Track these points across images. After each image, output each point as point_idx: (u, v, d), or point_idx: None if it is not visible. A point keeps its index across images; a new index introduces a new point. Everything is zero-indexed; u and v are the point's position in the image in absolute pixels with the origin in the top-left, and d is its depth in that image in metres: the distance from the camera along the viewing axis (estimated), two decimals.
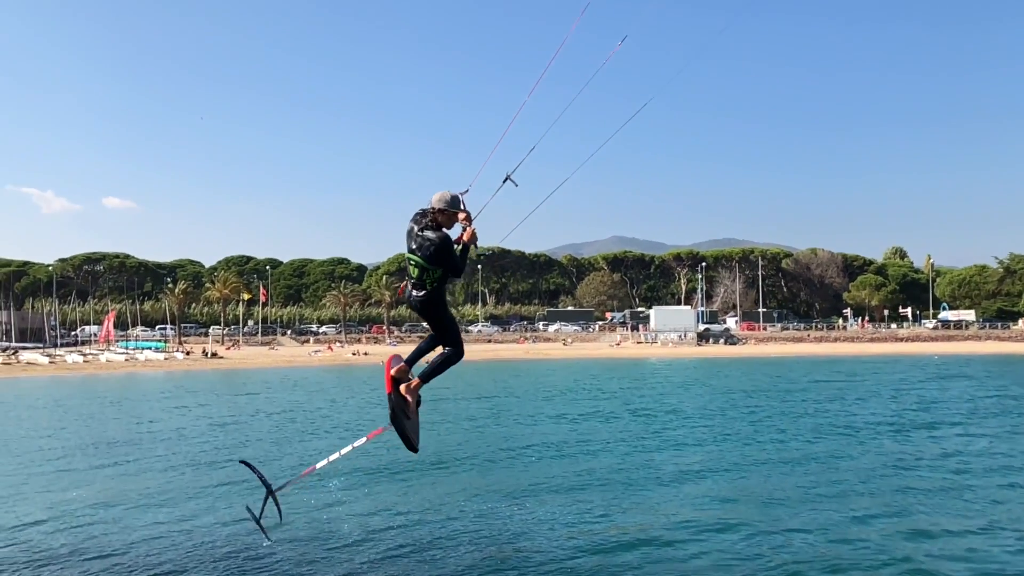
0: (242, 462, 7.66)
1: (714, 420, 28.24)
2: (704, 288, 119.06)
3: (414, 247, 6.26)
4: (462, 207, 6.29)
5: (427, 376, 6.72)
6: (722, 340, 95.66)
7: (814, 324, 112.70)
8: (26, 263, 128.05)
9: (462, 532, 13.29)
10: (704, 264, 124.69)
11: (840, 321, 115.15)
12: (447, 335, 6.57)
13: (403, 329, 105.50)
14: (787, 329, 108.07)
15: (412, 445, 6.68)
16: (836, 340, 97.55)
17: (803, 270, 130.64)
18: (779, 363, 64.99)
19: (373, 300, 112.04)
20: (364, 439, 7.21)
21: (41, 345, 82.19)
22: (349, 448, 7.15)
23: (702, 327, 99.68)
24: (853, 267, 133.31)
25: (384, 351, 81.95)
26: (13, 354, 70.90)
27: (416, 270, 6.32)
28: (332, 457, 7.28)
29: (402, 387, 6.72)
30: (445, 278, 6.32)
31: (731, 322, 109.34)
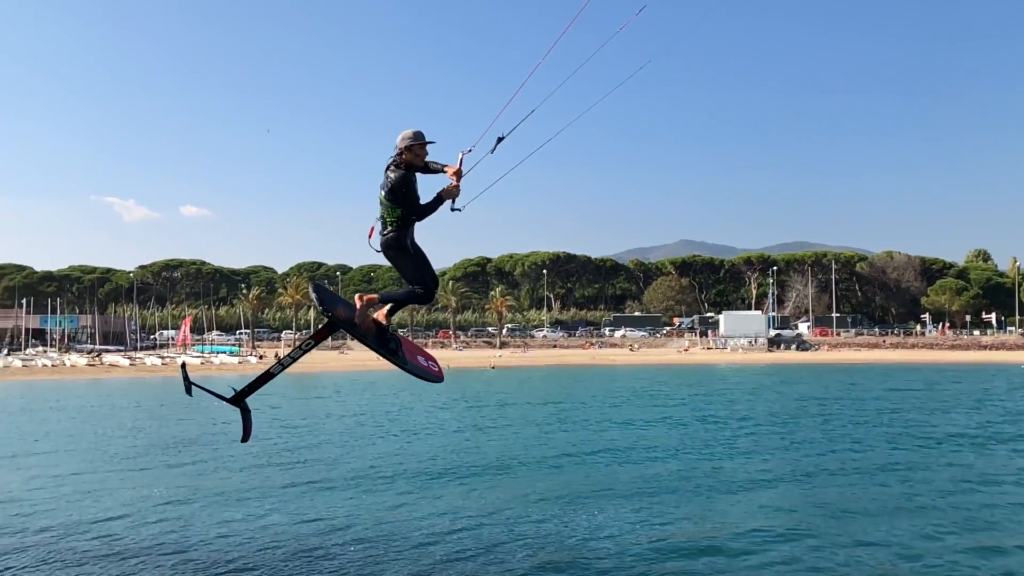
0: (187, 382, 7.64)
1: (785, 428, 27.61)
2: (775, 293, 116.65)
3: (380, 186, 6.25)
4: (425, 140, 6.19)
5: (386, 301, 6.63)
6: (794, 346, 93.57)
7: (890, 330, 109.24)
8: (109, 270, 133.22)
9: (526, 536, 13.28)
10: (775, 268, 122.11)
11: (918, 327, 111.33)
12: (412, 279, 6.41)
13: (468, 334, 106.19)
14: (861, 335, 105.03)
15: (373, 348, 6.65)
16: (914, 347, 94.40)
17: (878, 274, 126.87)
18: (853, 370, 63.19)
19: (439, 305, 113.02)
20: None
21: (122, 348, 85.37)
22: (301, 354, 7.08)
23: (773, 332, 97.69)
24: (932, 271, 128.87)
25: (450, 356, 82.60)
26: (97, 356, 73.82)
27: (380, 209, 6.30)
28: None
29: (365, 308, 6.63)
30: (407, 220, 6.21)
31: (803, 327, 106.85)
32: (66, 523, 14.35)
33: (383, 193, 6.18)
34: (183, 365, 7.59)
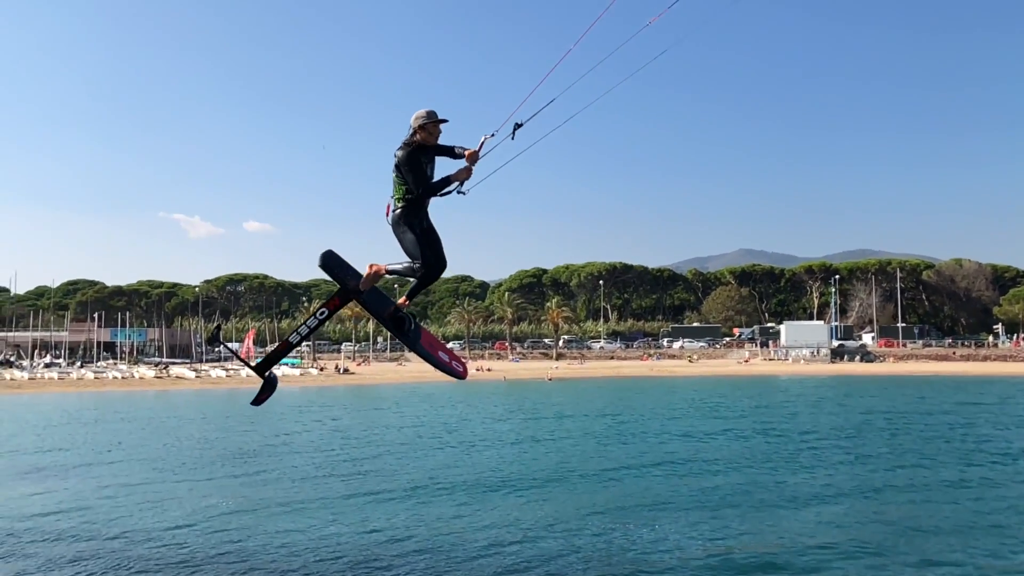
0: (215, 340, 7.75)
1: (850, 442, 26.89)
2: (838, 302, 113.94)
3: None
4: (438, 119, 6.15)
5: (391, 273, 6.58)
6: (858, 357, 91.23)
7: (960, 341, 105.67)
8: (175, 284, 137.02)
9: (584, 548, 13.20)
10: (837, 277, 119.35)
11: (990, 338, 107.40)
12: (411, 254, 6.35)
13: (525, 345, 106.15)
14: (929, 346, 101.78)
15: (386, 326, 6.67)
16: (986, 359, 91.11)
17: (947, 283, 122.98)
18: (921, 382, 61.30)
19: (496, 317, 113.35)
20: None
21: (188, 360, 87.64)
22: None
23: (836, 343, 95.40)
24: (1004, 279, 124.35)
25: (507, 367, 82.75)
26: (164, 369, 75.92)
27: (392, 187, 6.31)
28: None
29: (371, 278, 6.57)
30: (415, 200, 6.20)
31: (867, 338, 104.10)
32: (135, 531, 14.77)
33: (393, 171, 6.25)
34: (217, 326, 7.88)
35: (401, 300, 6.80)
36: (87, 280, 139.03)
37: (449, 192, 6.27)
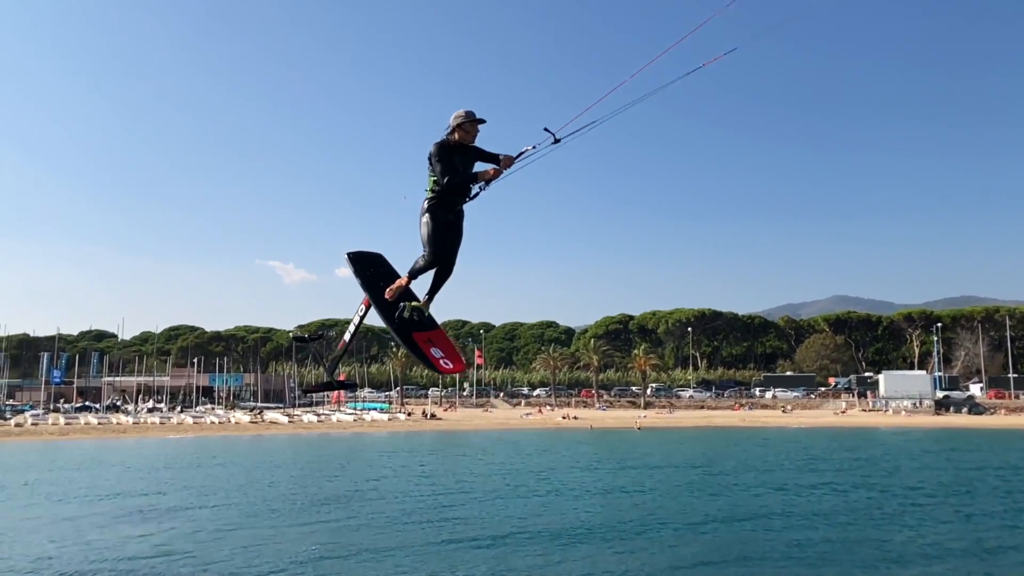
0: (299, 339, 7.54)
1: (959, 499, 25.43)
2: (940, 351, 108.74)
3: None
4: (476, 119, 6.13)
5: (412, 276, 6.44)
6: (965, 409, 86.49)
7: None
8: (270, 330, 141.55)
9: None
10: (940, 325, 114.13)
11: None
12: (424, 243, 6.20)
13: (612, 393, 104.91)
14: None
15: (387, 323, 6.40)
16: None
17: None
18: None
19: (581, 363, 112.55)
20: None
21: (282, 405, 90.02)
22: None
23: (941, 394, 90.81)
24: None
25: (593, 415, 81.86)
26: (259, 414, 78.09)
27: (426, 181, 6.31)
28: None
29: (397, 289, 6.44)
30: (444, 193, 6.12)
31: (975, 389, 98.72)
32: (229, 574, 15.10)
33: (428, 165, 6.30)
34: (303, 336, 8.04)
35: (424, 300, 6.65)
36: (188, 326, 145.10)
37: (476, 195, 6.30)
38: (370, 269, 6.82)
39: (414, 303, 6.48)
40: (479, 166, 6.34)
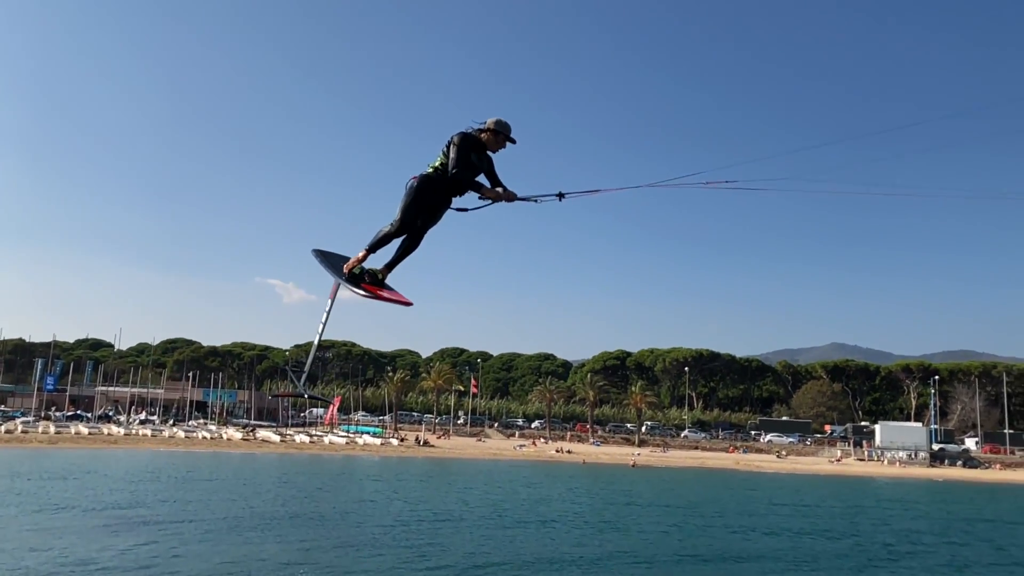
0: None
1: (950, 547, 25.25)
2: (937, 404, 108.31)
3: None
4: (508, 133, 6.20)
5: (372, 249, 6.33)
6: (960, 462, 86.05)
7: None
8: (267, 347, 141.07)
9: None
10: (937, 378, 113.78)
11: None
12: (399, 213, 6.17)
13: (607, 429, 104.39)
14: None
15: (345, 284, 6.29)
16: None
17: None
18: None
19: (577, 398, 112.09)
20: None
21: (275, 424, 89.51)
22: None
23: (936, 447, 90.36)
24: None
25: (587, 450, 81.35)
26: (251, 431, 77.60)
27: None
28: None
29: (356, 261, 6.35)
30: (444, 178, 6.08)
31: (970, 443, 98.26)
32: None
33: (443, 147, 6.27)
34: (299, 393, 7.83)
35: (361, 253, 6.43)
36: (185, 339, 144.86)
37: (479, 208, 6.25)
38: (335, 259, 6.87)
39: (371, 268, 6.46)
40: (480, 179, 6.37)
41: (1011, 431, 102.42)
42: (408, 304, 6.64)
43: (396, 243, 6.37)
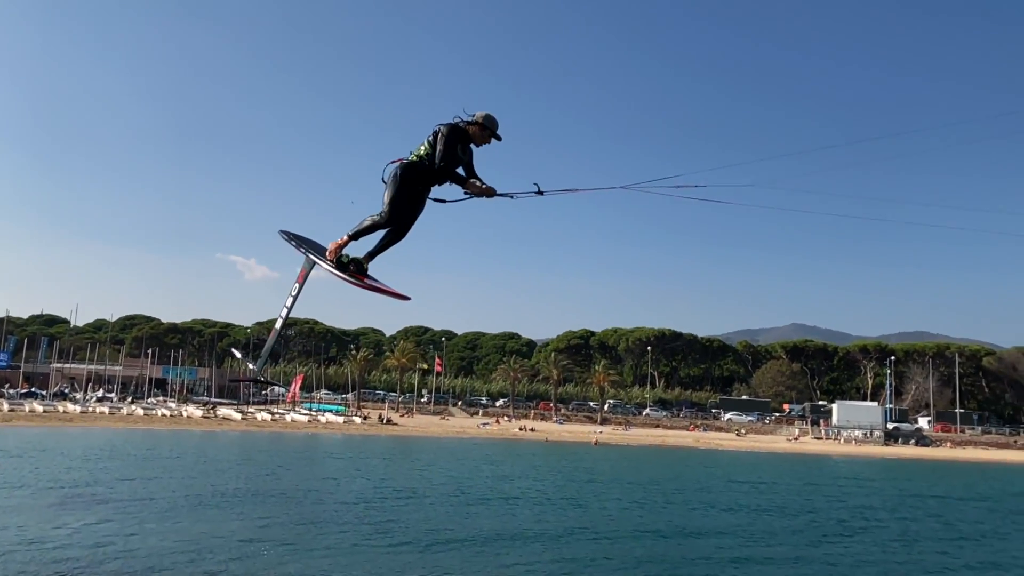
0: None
1: (902, 524, 25.94)
2: (893, 384, 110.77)
3: None
4: (495, 129, 6.20)
5: (355, 236, 6.33)
6: (913, 440, 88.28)
7: (1021, 430, 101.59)
8: (228, 325, 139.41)
9: None
10: (893, 358, 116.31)
11: None
12: (384, 204, 6.14)
13: (570, 407, 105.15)
14: (989, 433, 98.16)
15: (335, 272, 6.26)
16: None
17: (1008, 370, 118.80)
18: (980, 469, 58.90)
19: (541, 376, 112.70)
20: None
21: (236, 402, 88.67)
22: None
23: (891, 426, 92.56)
24: None
25: (550, 428, 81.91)
26: (212, 409, 76.81)
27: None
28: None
29: (337, 247, 6.31)
30: (428, 168, 6.09)
31: (923, 422, 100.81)
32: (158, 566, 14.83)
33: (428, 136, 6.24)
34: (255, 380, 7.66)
35: (343, 239, 6.33)
36: (144, 316, 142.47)
37: (459, 201, 6.26)
38: (306, 242, 6.75)
39: (355, 256, 6.36)
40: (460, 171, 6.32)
41: (962, 411, 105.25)
42: (406, 299, 6.54)
43: (378, 233, 6.29)
